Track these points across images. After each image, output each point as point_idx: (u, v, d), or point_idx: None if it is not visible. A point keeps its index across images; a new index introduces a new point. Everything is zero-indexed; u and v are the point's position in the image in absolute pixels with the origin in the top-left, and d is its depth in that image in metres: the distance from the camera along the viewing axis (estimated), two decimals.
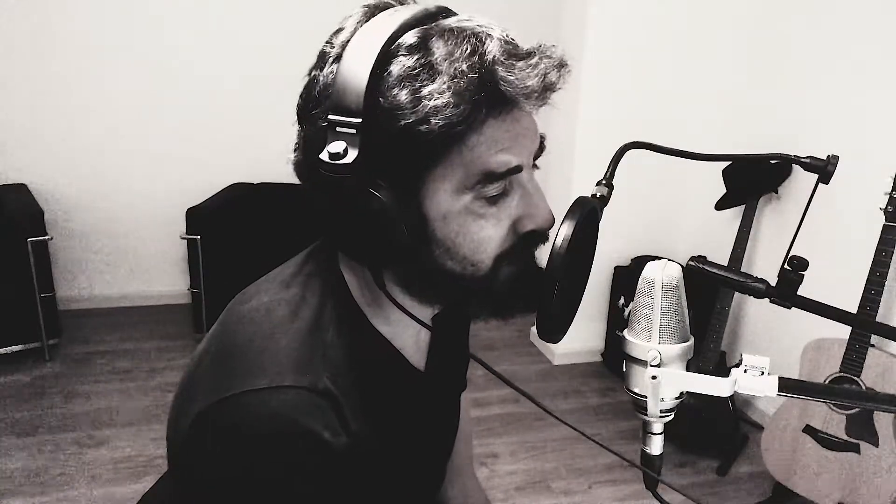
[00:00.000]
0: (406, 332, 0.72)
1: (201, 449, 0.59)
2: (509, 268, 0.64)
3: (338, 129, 0.56)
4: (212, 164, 3.44)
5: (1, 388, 2.72)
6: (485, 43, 0.58)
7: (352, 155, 0.55)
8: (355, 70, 0.56)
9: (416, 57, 0.57)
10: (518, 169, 0.62)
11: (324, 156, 0.56)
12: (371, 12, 0.62)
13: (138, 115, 3.34)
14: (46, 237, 2.82)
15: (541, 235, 0.65)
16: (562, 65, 0.60)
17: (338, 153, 0.56)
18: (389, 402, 0.69)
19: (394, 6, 0.62)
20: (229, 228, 3.07)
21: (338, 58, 0.59)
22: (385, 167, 0.58)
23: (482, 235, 0.62)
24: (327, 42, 0.62)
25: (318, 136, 0.58)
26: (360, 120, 0.56)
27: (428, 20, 0.61)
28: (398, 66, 0.57)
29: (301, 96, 0.64)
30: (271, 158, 0.64)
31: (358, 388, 0.63)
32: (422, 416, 0.77)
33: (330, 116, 0.57)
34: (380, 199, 0.58)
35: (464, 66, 0.56)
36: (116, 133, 3.34)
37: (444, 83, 0.56)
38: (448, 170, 0.59)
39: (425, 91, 0.56)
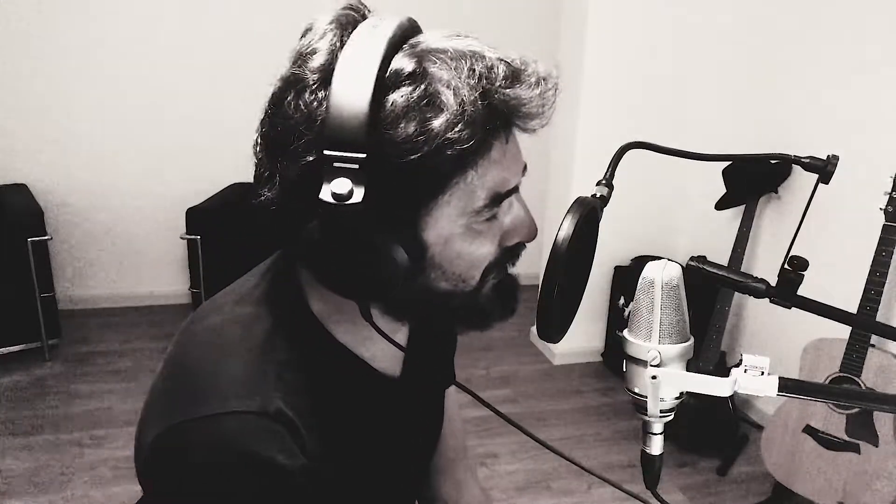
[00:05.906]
0: (377, 338, 0.69)
1: (157, 474, 0.59)
2: (493, 280, 0.65)
3: (336, 164, 0.51)
4: (212, 164, 3.43)
5: (1, 388, 2.72)
6: (483, 64, 0.56)
7: (358, 195, 0.51)
8: (351, 100, 0.52)
9: (418, 86, 0.53)
10: (516, 189, 0.62)
11: (325, 196, 0.51)
12: (342, 26, 0.57)
13: (138, 116, 3.34)
14: (46, 237, 2.82)
15: (522, 247, 0.66)
16: (556, 85, 0.60)
17: (342, 195, 0.51)
18: (357, 416, 0.68)
19: (357, 14, 0.59)
20: (229, 228, 3.07)
21: (321, 84, 0.54)
22: (389, 202, 0.55)
23: (480, 253, 0.61)
24: (295, 64, 0.57)
25: (304, 173, 0.54)
26: (364, 155, 0.51)
27: (411, 33, 0.59)
28: (401, 97, 0.53)
29: (268, 126, 0.58)
30: None
31: (318, 407, 0.61)
32: (397, 423, 0.75)
33: (326, 152, 0.52)
34: (386, 239, 0.55)
35: (469, 93, 0.54)
36: (116, 133, 3.34)
37: (454, 113, 0.53)
38: (454, 196, 0.58)
39: (436, 123, 0.52)
